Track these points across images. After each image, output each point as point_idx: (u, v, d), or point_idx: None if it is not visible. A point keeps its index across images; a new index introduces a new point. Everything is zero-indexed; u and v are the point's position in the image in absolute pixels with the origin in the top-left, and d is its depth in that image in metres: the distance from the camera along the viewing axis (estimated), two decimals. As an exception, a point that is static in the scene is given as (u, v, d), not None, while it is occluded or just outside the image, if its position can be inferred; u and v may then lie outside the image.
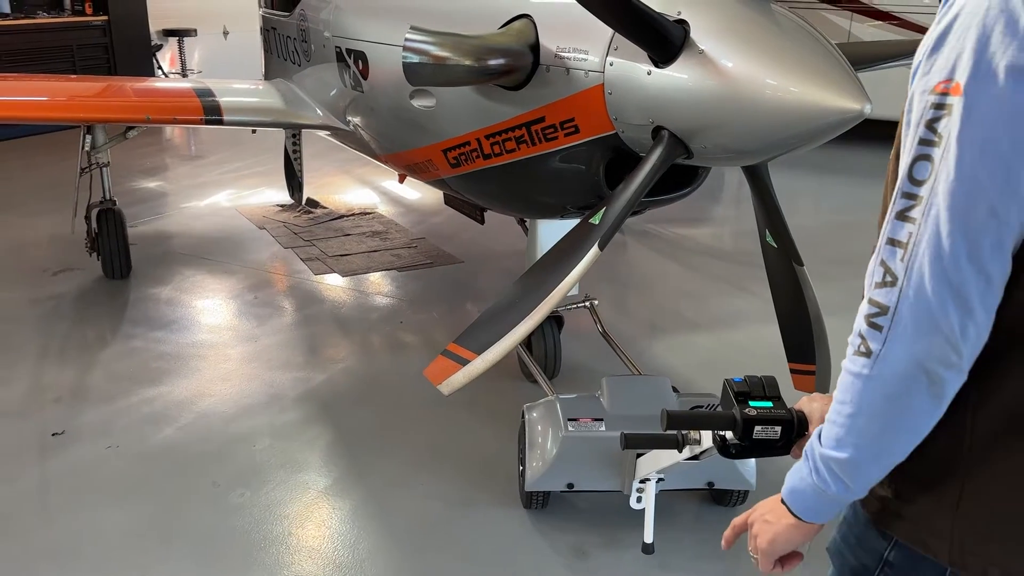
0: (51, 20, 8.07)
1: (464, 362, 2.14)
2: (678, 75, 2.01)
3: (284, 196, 5.76)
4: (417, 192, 5.88)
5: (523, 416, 2.58)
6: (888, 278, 0.94)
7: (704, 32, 1.98)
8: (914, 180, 0.92)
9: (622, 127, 2.23)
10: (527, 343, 3.29)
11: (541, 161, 2.51)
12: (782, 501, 1.11)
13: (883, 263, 0.95)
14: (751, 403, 1.25)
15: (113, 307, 4.10)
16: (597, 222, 2.13)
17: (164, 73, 9.55)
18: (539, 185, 2.64)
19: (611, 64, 2.18)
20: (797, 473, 1.09)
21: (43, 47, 7.90)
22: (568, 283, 2.10)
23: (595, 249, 2.08)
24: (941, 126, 0.90)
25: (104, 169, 4.27)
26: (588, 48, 2.24)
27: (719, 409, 1.33)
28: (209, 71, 9.79)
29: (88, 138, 4.12)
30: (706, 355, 3.72)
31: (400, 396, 3.29)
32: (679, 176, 2.52)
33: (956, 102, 0.89)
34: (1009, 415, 0.98)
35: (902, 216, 0.93)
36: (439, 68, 2.34)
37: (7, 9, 7.74)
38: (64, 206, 4.47)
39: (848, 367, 0.99)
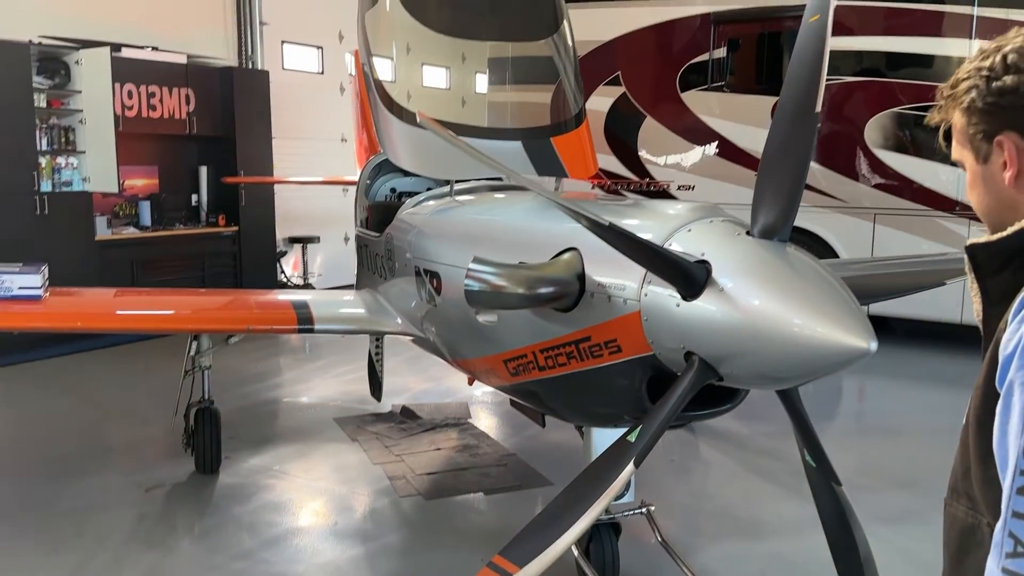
0: (187, 232, 8.83)
1: (507, 575, 2.22)
2: (703, 307, 2.22)
3: (381, 404, 5.85)
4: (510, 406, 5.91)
5: None
6: (1019, 548, 1.06)
7: (725, 271, 2.20)
8: None
9: (659, 349, 2.42)
10: (586, 549, 3.33)
11: (589, 375, 2.70)
12: None
13: (1012, 535, 1.07)
14: None
15: (196, 531, 4.09)
16: (633, 440, 2.27)
17: (287, 277, 10.04)
18: (588, 396, 2.82)
19: (646, 294, 2.41)
20: None
21: (177, 256, 8.63)
22: (604, 501, 2.19)
23: (630, 467, 2.20)
24: None
25: (206, 372, 4.65)
26: (626, 279, 2.48)
27: None
28: (329, 274, 10.26)
29: (194, 344, 4.58)
30: (767, 565, 3.67)
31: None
32: (721, 392, 2.66)
33: None
34: None
35: None
36: (496, 295, 2.61)
37: (149, 222, 8.72)
38: (171, 413, 4.77)
39: None
